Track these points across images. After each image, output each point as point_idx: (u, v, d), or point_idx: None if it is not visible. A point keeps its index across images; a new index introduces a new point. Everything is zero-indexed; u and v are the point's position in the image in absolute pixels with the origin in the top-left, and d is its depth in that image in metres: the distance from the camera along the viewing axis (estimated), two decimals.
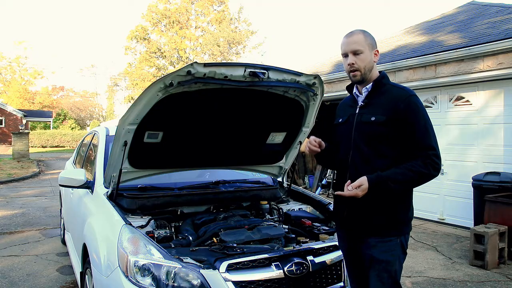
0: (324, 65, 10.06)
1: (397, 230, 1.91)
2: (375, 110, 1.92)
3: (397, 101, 1.88)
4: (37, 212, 7.19)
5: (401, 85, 2.02)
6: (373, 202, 1.88)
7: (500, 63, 5.47)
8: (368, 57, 1.93)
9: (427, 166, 1.81)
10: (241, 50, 33.68)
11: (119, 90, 49.43)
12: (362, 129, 1.95)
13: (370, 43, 1.94)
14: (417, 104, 1.88)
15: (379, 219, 1.90)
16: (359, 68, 1.93)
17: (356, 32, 1.95)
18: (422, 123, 1.85)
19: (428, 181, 1.86)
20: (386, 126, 1.87)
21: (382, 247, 1.89)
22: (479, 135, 5.97)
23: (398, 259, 1.91)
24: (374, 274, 1.91)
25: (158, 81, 2.20)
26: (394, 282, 1.92)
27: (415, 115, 1.86)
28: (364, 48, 1.92)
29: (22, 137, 18.31)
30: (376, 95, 1.96)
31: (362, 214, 1.93)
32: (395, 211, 1.90)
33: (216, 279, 2.02)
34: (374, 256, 1.90)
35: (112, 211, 2.50)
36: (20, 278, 3.96)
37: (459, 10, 9.36)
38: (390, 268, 1.89)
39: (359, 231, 1.97)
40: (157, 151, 2.67)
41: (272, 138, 2.98)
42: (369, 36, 1.96)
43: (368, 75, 1.96)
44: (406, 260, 2.01)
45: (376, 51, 1.98)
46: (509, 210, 4.58)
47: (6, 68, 47.33)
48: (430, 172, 1.81)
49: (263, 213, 3.12)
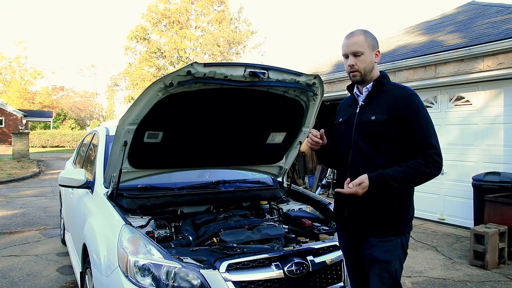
0: (324, 65, 10.05)
1: (397, 229, 1.91)
2: (375, 109, 1.92)
3: (397, 100, 1.88)
4: (37, 212, 7.19)
5: (401, 85, 2.02)
6: (374, 201, 1.87)
7: (500, 63, 5.48)
8: (368, 58, 1.93)
9: (428, 164, 1.80)
10: (241, 50, 33.70)
11: (119, 90, 49.47)
12: (363, 128, 1.95)
13: (371, 43, 1.94)
14: (417, 103, 1.88)
15: (379, 219, 1.89)
16: (359, 69, 1.93)
17: (357, 33, 1.94)
18: (422, 122, 1.85)
19: (429, 180, 1.86)
20: (386, 125, 1.87)
21: (383, 247, 1.89)
22: (479, 135, 5.97)
23: (398, 259, 1.91)
24: (374, 274, 1.91)
25: (158, 81, 2.20)
26: (395, 282, 1.91)
27: (415, 114, 1.85)
28: (365, 49, 1.91)
29: (22, 137, 18.31)
30: (376, 95, 1.96)
31: (362, 213, 1.93)
32: (396, 210, 1.90)
33: (216, 279, 2.02)
34: (375, 256, 1.90)
35: (112, 211, 2.50)
36: (20, 278, 3.96)
37: (459, 10, 9.36)
38: (391, 268, 1.89)
39: (360, 231, 1.97)
40: (157, 151, 2.67)
41: (272, 138, 2.98)
42: (370, 37, 1.95)
43: (369, 75, 1.96)
44: (406, 260, 2.01)
45: (377, 51, 1.97)
46: (509, 210, 4.58)
47: (6, 68, 47.34)
48: (431, 171, 1.81)
49: (263, 213, 3.12)
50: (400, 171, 1.81)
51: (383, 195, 1.86)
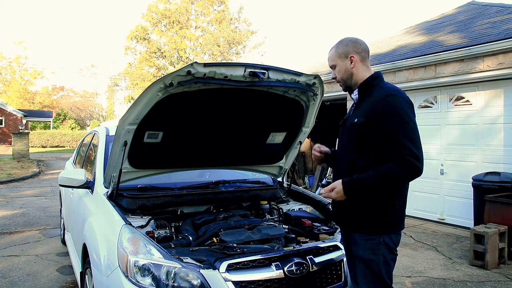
0: (324, 65, 10.05)
1: (380, 228, 1.90)
2: (359, 112, 1.97)
3: (374, 102, 1.89)
4: (37, 212, 7.19)
5: (386, 85, 1.96)
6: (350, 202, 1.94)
7: (500, 63, 5.48)
8: (342, 67, 2.04)
9: (401, 167, 1.77)
10: (241, 50, 33.68)
11: (119, 90, 49.46)
12: (349, 131, 2.02)
13: (342, 53, 2.03)
14: (393, 104, 1.83)
15: (357, 218, 1.94)
16: (338, 79, 2.09)
17: (331, 48, 2.09)
18: (397, 123, 1.80)
19: (408, 182, 1.90)
20: (363, 127, 1.89)
21: (365, 245, 1.92)
22: (479, 135, 5.97)
23: (383, 258, 1.89)
24: (359, 272, 1.96)
25: (158, 81, 2.20)
26: (381, 281, 1.90)
27: (390, 115, 1.82)
28: (336, 61, 2.05)
29: (22, 137, 18.31)
30: (364, 97, 2.01)
31: (342, 209, 2.02)
32: (373, 211, 1.90)
33: (216, 279, 2.02)
34: (359, 254, 1.95)
35: (112, 211, 2.50)
36: (20, 278, 3.96)
37: (459, 10, 9.37)
38: (374, 266, 1.90)
39: (345, 226, 2.06)
40: (157, 151, 2.67)
41: (272, 138, 2.98)
42: (341, 46, 2.05)
43: (350, 81, 2.05)
44: (406, 260, 2.02)
45: (351, 56, 2.00)
46: (509, 210, 4.58)
47: (6, 68, 47.34)
48: (405, 174, 1.79)
49: (263, 213, 3.12)
50: (373, 175, 1.82)
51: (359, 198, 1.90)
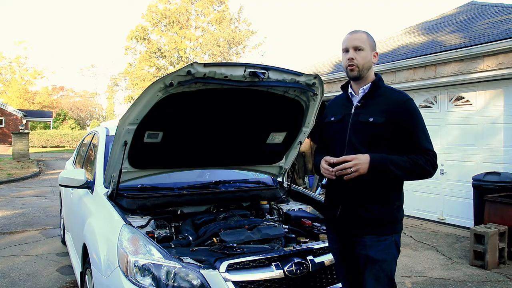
0: (324, 65, 10.06)
1: (391, 228, 1.94)
2: (372, 111, 1.95)
3: (395, 104, 1.93)
4: (37, 212, 7.19)
5: (396, 89, 2.09)
6: (367, 199, 1.91)
7: (500, 63, 5.47)
8: (368, 56, 1.98)
9: (428, 163, 1.89)
10: (241, 50, 33.66)
11: (119, 90, 49.34)
12: (359, 129, 1.97)
13: (371, 44, 2.01)
14: (415, 108, 1.96)
15: (374, 217, 1.91)
16: (358, 64, 1.96)
17: (360, 31, 2.03)
18: (420, 127, 1.94)
19: (424, 179, 1.94)
20: (384, 127, 1.91)
21: (379, 246, 1.91)
22: (479, 135, 5.97)
23: (394, 258, 1.95)
24: (370, 274, 1.92)
25: (158, 81, 2.20)
26: (390, 281, 1.94)
27: (413, 119, 1.93)
28: (366, 46, 1.98)
29: (22, 137, 18.31)
30: (373, 97, 2.00)
31: (356, 212, 1.94)
32: (390, 209, 1.93)
33: (216, 279, 2.01)
34: (371, 256, 1.91)
35: (112, 211, 2.50)
36: (20, 278, 3.96)
37: (459, 10, 9.36)
38: (387, 267, 1.91)
39: (353, 231, 1.97)
40: (157, 151, 2.67)
41: (272, 138, 2.98)
42: (371, 38, 2.03)
43: (365, 73, 1.99)
44: (406, 260, 2.03)
45: (376, 53, 2.04)
46: (509, 210, 4.58)
47: (6, 68, 47.32)
48: (429, 169, 1.89)
49: (263, 213, 3.12)
50: (403, 159, 1.87)
51: (379, 181, 1.89)
